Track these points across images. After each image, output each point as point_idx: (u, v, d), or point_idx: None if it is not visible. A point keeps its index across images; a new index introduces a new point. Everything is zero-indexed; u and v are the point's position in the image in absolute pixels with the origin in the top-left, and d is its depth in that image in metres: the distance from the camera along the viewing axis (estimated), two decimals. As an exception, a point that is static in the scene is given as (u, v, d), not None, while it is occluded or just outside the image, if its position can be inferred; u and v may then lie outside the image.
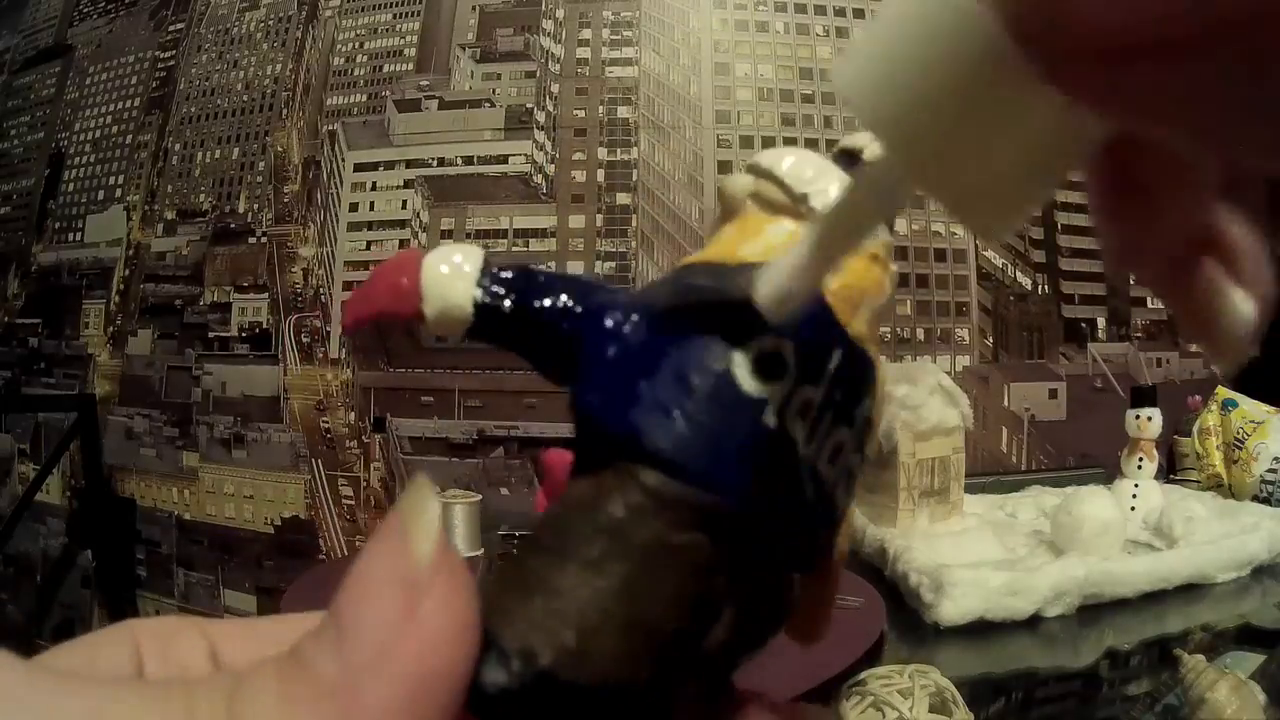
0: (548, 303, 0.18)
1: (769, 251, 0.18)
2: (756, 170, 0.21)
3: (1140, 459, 1.20)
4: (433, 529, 0.17)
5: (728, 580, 0.16)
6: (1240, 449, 1.30)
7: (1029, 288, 1.97)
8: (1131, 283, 2.02)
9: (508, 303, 0.18)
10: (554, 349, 0.18)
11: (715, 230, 0.21)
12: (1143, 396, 1.24)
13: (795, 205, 0.19)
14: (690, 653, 0.16)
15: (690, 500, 0.16)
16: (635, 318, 0.18)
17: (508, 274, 0.18)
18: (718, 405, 0.16)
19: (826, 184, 0.19)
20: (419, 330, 0.19)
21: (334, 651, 0.16)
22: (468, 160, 1.97)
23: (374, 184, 1.99)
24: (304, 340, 1.99)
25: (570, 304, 0.18)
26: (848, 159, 0.20)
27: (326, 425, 1.96)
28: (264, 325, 2.02)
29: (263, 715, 0.16)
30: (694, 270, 0.19)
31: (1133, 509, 1.16)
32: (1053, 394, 1.93)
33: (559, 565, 0.16)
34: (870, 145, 0.20)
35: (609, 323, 0.18)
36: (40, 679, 0.16)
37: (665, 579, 0.16)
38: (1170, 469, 1.45)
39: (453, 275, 0.18)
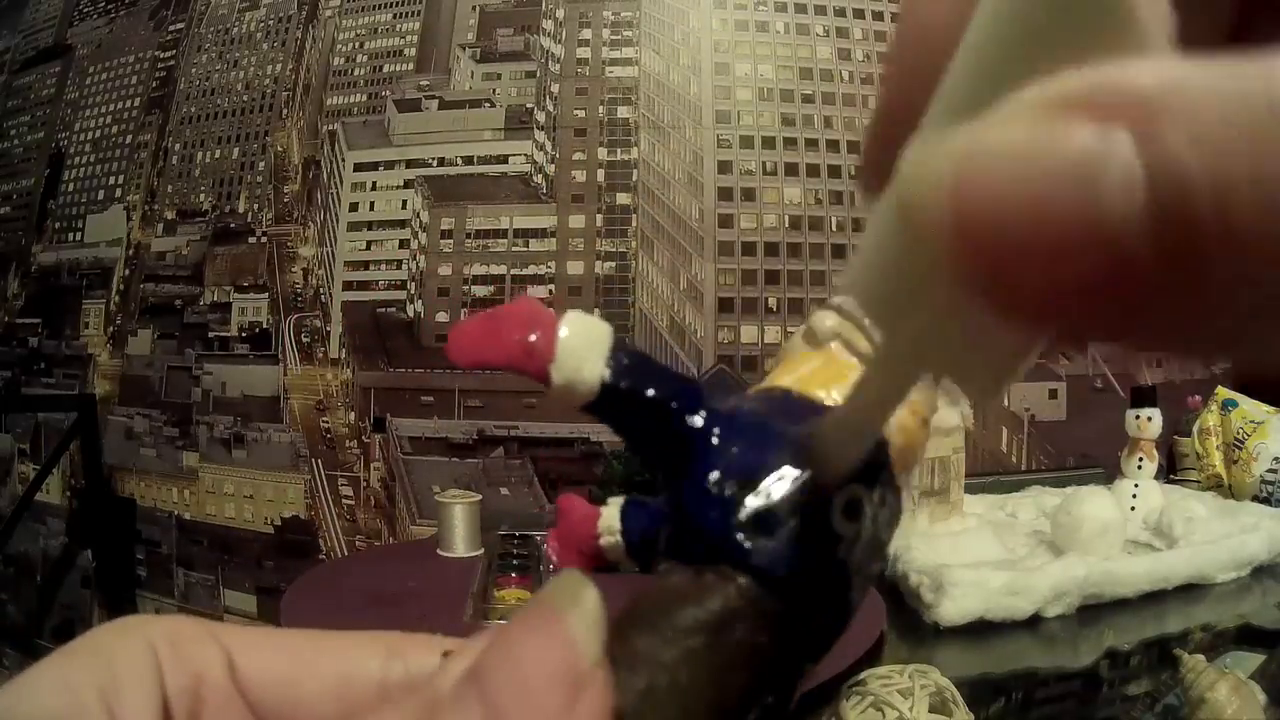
0: (668, 397, 0.19)
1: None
2: (845, 314, 0.22)
3: (1140, 459, 1.20)
4: (594, 622, 0.16)
5: (777, 672, 0.19)
6: (1240, 449, 1.30)
7: (1029, 288, 1.97)
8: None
9: (632, 386, 0.19)
10: (665, 442, 0.19)
11: (796, 353, 0.23)
12: (1143, 396, 1.23)
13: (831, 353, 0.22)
14: None
15: (776, 609, 0.18)
16: (746, 433, 0.19)
17: (635, 358, 0.19)
18: (813, 537, 0.19)
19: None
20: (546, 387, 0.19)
21: None
22: (468, 160, 1.97)
23: (374, 184, 1.99)
24: (304, 340, 1.99)
25: (688, 402, 0.19)
26: None
27: (326, 425, 1.96)
28: (264, 325, 2.02)
29: None
30: (787, 398, 0.21)
31: (1133, 509, 1.16)
32: (1053, 394, 1.93)
33: (653, 648, 0.18)
34: None
35: (720, 430, 0.19)
36: None
37: (744, 673, 0.18)
38: (1170, 469, 1.45)
39: (587, 348, 0.19)
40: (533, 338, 0.19)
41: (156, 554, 2.01)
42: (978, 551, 1.06)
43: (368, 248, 1.99)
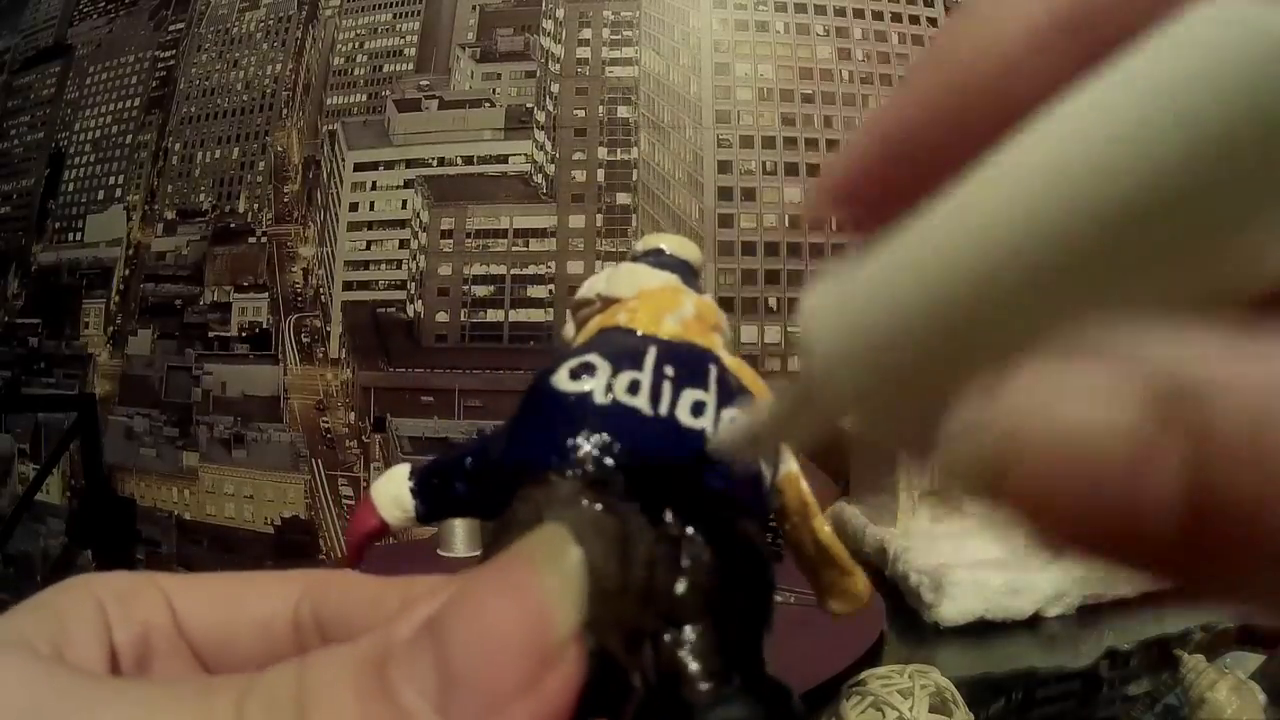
0: (464, 473, 0.24)
1: (587, 333, 0.25)
2: (573, 307, 0.27)
3: (1140, 459, 1.20)
4: (574, 589, 0.15)
5: (646, 531, 0.20)
6: (1240, 449, 1.30)
7: (1029, 288, 1.97)
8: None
9: (435, 491, 0.24)
10: (470, 505, 0.24)
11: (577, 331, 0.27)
12: (1143, 396, 1.23)
13: (592, 304, 0.25)
14: (657, 602, 0.19)
15: (570, 480, 0.20)
16: (509, 422, 0.24)
17: (425, 473, 0.25)
18: (556, 410, 0.22)
19: (596, 278, 0.26)
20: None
21: (432, 692, 0.14)
22: (468, 160, 1.97)
23: (374, 184, 1.99)
24: (304, 340, 1.99)
25: (462, 478, 0.24)
26: (643, 254, 0.26)
27: (326, 425, 1.96)
28: (264, 325, 2.02)
29: None
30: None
31: (1133, 509, 1.16)
32: (1053, 394, 1.93)
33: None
34: (664, 244, 0.26)
35: (488, 441, 0.24)
36: (70, 683, 0.15)
37: (596, 545, 0.19)
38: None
39: (395, 496, 0.24)
40: (367, 515, 0.25)
41: (156, 554, 2.01)
42: (978, 551, 1.06)
43: (368, 248, 1.99)
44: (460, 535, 1.12)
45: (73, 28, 2.26)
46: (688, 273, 0.25)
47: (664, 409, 0.21)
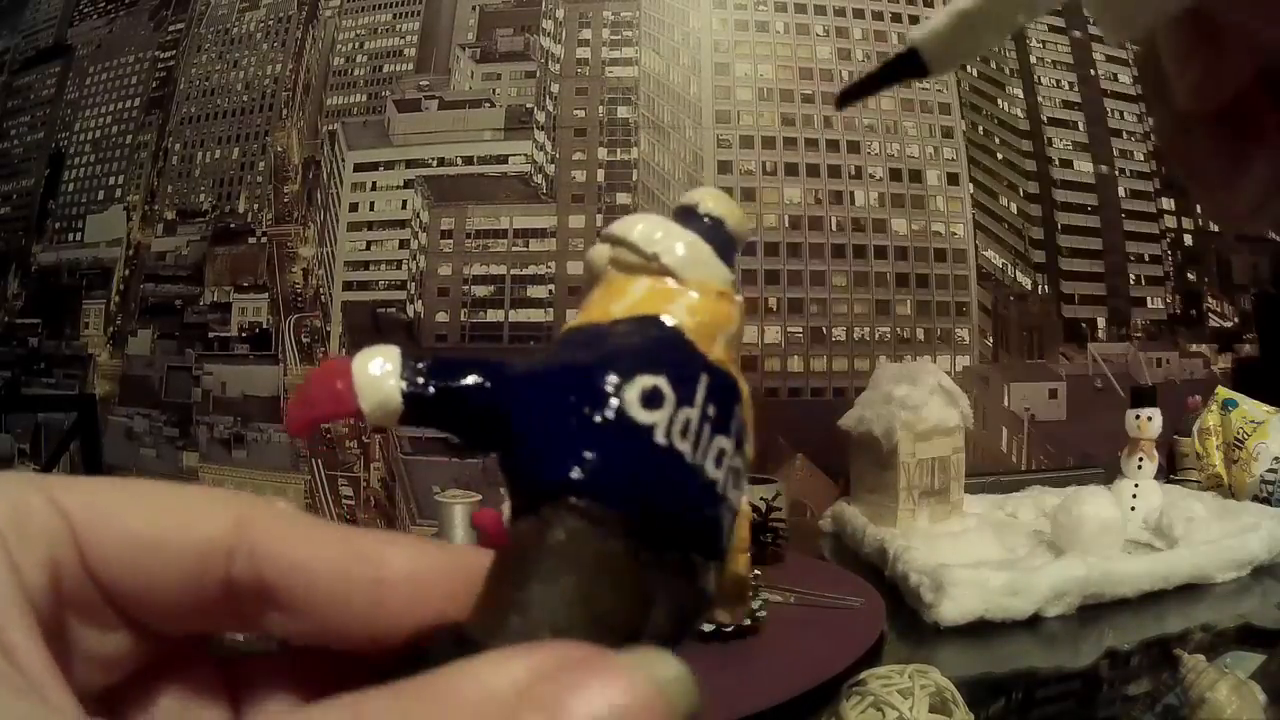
0: (465, 383, 0.21)
1: (634, 306, 0.22)
2: (611, 239, 0.24)
3: (1140, 459, 1.20)
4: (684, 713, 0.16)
5: (656, 573, 0.20)
6: (1240, 449, 1.30)
7: (1029, 288, 1.97)
8: (1131, 282, 2.02)
9: (431, 390, 0.21)
10: (475, 423, 0.21)
11: (586, 295, 0.24)
12: (1143, 396, 1.24)
13: (648, 264, 0.23)
14: (639, 638, 0.19)
15: (613, 516, 0.20)
16: (540, 382, 0.21)
17: (425, 364, 0.21)
18: (620, 437, 0.20)
19: (672, 242, 0.23)
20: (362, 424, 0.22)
21: None
22: (468, 160, 1.97)
23: (374, 184, 1.99)
24: (304, 340, 1.99)
25: (483, 381, 0.21)
26: (685, 214, 0.24)
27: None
28: (264, 325, 2.02)
29: None
30: (576, 333, 0.22)
31: (1133, 509, 1.16)
32: (1053, 394, 1.93)
33: (524, 587, 0.19)
34: (704, 201, 0.24)
35: (519, 390, 0.21)
36: None
37: (609, 580, 0.19)
38: (1170, 469, 1.45)
39: (381, 373, 0.21)
40: (337, 385, 0.21)
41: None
42: (978, 551, 1.06)
43: (368, 248, 1.99)
44: (460, 535, 1.12)
45: (73, 28, 2.26)
46: (734, 257, 0.24)
47: (700, 457, 0.21)
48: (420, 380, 0.21)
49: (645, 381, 0.20)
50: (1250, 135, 0.22)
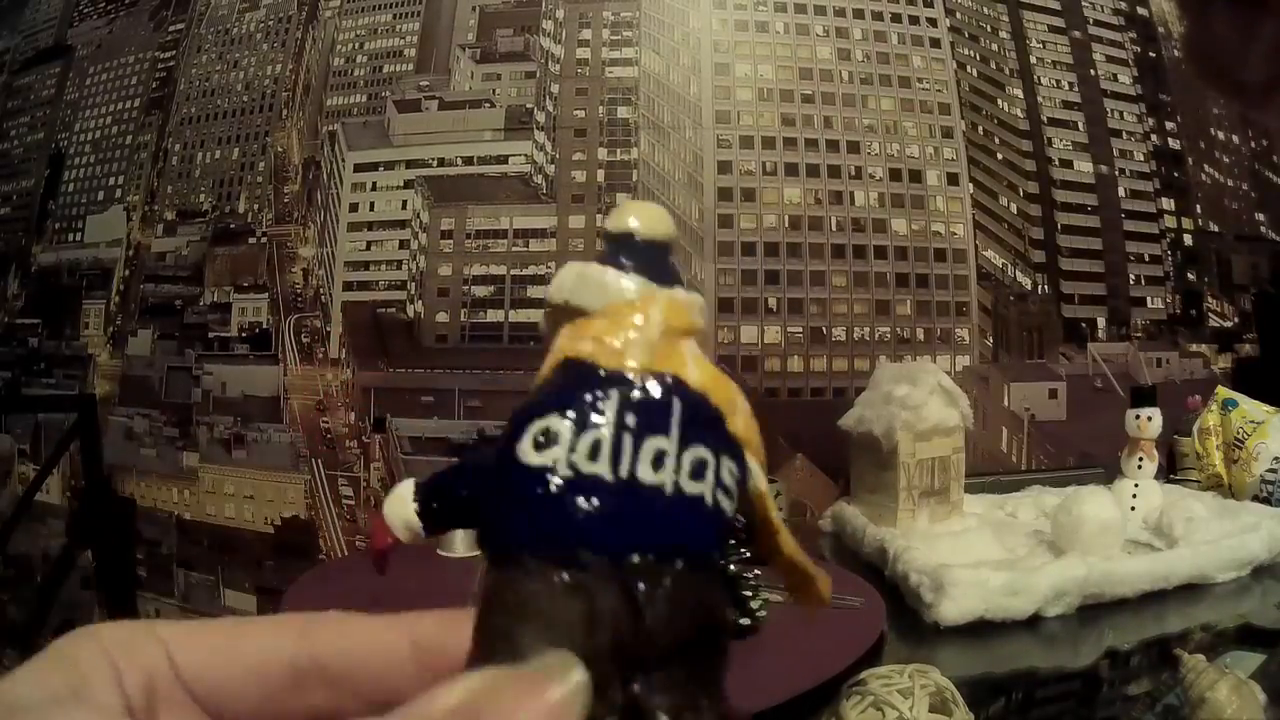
0: (451, 492, 0.25)
1: (555, 356, 0.24)
2: (547, 303, 0.26)
3: (1140, 459, 1.20)
4: (581, 701, 0.19)
5: (593, 594, 0.21)
6: (1240, 449, 1.30)
7: (1029, 288, 1.97)
8: (1131, 282, 2.02)
9: (433, 505, 0.25)
10: (464, 516, 0.25)
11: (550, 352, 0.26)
12: (1143, 396, 1.23)
13: (563, 311, 0.24)
14: (625, 651, 0.20)
15: (533, 560, 0.21)
16: (489, 466, 0.23)
17: (428, 488, 0.25)
18: (525, 488, 0.22)
19: (563, 279, 0.24)
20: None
21: None
22: (468, 160, 1.97)
23: (374, 184, 1.99)
24: (304, 340, 1.99)
25: (459, 485, 0.25)
26: (607, 240, 0.25)
27: (326, 425, 1.96)
28: (264, 325, 2.02)
29: None
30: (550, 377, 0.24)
31: (1133, 509, 1.16)
32: (1053, 394, 1.93)
33: (483, 628, 0.21)
34: (613, 220, 0.25)
35: (481, 481, 0.24)
36: None
37: (531, 611, 0.21)
38: (1170, 469, 1.44)
39: (402, 511, 0.25)
40: (379, 525, 0.24)
41: (156, 554, 2.01)
42: (978, 551, 1.06)
43: (368, 248, 1.99)
44: (461, 535, 1.12)
45: (73, 28, 2.26)
46: (661, 259, 0.24)
47: (624, 469, 0.22)
48: (428, 499, 0.25)
49: (537, 427, 0.22)
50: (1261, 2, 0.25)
